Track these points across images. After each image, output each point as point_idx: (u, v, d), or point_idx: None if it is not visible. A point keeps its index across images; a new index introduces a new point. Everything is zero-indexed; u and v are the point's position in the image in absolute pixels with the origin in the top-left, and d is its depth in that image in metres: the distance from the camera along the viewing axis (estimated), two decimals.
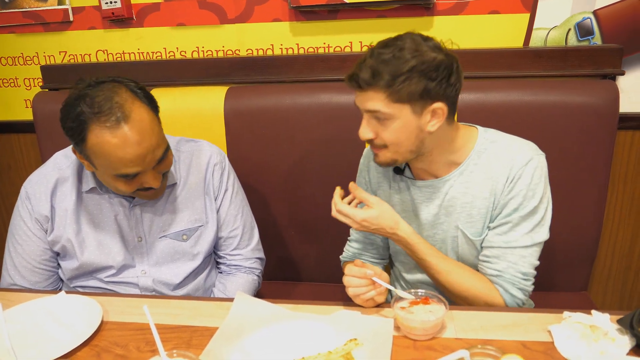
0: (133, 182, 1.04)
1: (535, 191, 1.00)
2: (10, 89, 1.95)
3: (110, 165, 1.00)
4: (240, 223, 1.28)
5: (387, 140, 0.97)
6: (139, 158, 0.99)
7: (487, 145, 1.05)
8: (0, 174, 2.09)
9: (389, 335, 0.87)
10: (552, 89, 1.40)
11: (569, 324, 0.85)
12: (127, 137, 0.97)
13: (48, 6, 1.79)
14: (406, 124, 0.95)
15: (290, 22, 1.64)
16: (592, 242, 1.46)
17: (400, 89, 0.91)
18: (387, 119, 0.95)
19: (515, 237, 1.01)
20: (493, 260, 1.03)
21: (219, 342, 0.88)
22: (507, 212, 1.01)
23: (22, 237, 1.16)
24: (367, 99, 0.95)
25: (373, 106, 0.94)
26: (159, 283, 1.19)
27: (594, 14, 1.49)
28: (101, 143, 0.97)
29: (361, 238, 1.22)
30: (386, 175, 1.16)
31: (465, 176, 1.05)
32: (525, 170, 0.99)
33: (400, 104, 0.93)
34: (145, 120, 1.01)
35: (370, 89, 0.93)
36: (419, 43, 0.92)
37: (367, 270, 0.94)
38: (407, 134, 0.96)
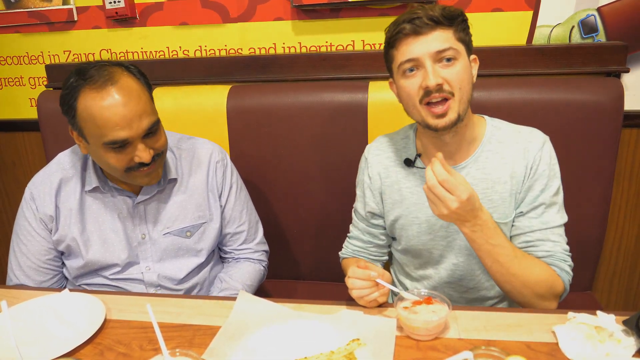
0: (123, 154, 1.04)
1: (555, 171, 1.05)
2: (15, 87, 1.96)
3: (98, 130, 1.01)
4: (246, 218, 1.30)
5: (456, 81, 0.97)
6: (125, 120, 1.00)
7: (496, 132, 1.08)
8: (5, 171, 2.10)
9: (391, 336, 0.87)
10: (555, 86, 1.39)
11: (573, 325, 0.84)
12: (113, 97, 1.00)
13: (53, 6, 1.79)
14: (465, 65, 0.99)
15: (292, 21, 1.64)
16: (597, 241, 1.45)
17: (462, 30, 0.98)
18: (454, 58, 0.97)
19: (551, 217, 1.04)
20: (538, 243, 1.04)
21: (221, 341, 0.88)
22: (535, 194, 1.04)
23: (26, 237, 1.17)
24: (435, 38, 0.96)
25: (443, 44, 0.95)
26: (164, 278, 1.20)
27: (598, 10, 1.48)
28: (89, 106, 1.00)
29: (361, 236, 1.22)
30: (394, 169, 1.14)
31: (480, 162, 1.07)
32: (543, 152, 1.04)
33: (462, 43, 0.98)
34: (132, 86, 1.03)
35: (439, 27, 0.95)
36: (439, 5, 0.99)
37: (370, 272, 0.93)
38: (468, 76, 1.00)
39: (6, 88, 1.97)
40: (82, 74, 1.02)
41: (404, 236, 1.15)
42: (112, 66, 1.04)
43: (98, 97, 1.00)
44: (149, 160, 1.05)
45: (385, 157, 1.16)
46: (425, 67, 0.96)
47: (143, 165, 1.06)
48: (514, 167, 1.05)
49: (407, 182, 1.12)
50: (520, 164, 1.05)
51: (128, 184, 1.16)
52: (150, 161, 1.06)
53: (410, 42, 0.97)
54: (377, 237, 1.21)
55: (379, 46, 1.62)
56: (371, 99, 1.43)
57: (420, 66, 0.97)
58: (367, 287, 0.94)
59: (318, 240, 1.59)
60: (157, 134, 1.08)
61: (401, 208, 1.13)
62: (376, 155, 1.17)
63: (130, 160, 1.05)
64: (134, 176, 1.09)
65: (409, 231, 1.14)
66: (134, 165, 1.06)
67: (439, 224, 1.10)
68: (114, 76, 1.02)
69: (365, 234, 1.22)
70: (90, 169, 1.16)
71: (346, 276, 0.97)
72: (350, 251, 1.25)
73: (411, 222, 1.12)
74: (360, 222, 1.22)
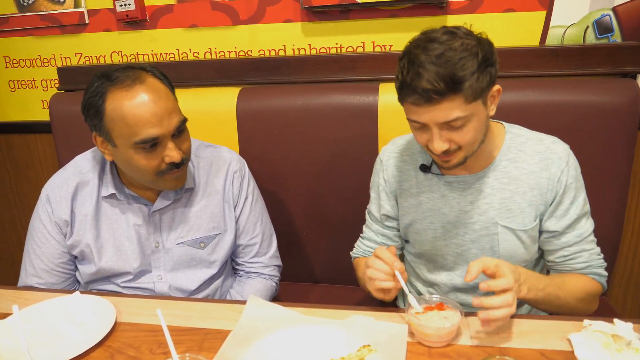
0: (153, 155, 1.03)
1: (580, 182, 1.04)
2: (28, 90, 1.98)
3: (128, 129, 1.00)
4: (260, 231, 1.28)
5: (464, 142, 0.93)
6: (156, 117, 1.00)
7: (515, 139, 1.05)
8: (18, 172, 2.13)
9: (403, 342, 0.86)
10: (569, 88, 1.36)
11: (589, 333, 0.82)
12: (143, 95, 1.00)
13: (64, 9, 1.81)
14: (480, 119, 0.93)
15: (302, 23, 1.63)
16: (612, 246, 1.42)
17: (476, 88, 0.87)
18: (466, 121, 0.90)
19: (585, 228, 1.04)
20: (575, 256, 1.05)
21: (231, 345, 0.88)
22: (565, 207, 1.03)
23: (40, 240, 1.17)
24: (441, 110, 0.88)
25: (450, 116, 0.88)
26: (175, 290, 1.19)
27: (614, 10, 1.45)
28: (118, 106, 1.00)
29: (375, 237, 1.21)
30: (410, 174, 1.13)
31: (499, 171, 1.04)
32: (569, 165, 1.02)
33: (475, 101, 0.89)
34: (159, 86, 1.04)
35: (445, 98, 0.87)
36: (460, 34, 0.88)
37: (396, 262, 0.91)
38: (481, 127, 0.94)
39: (19, 90, 1.99)
40: (107, 77, 1.02)
41: (418, 240, 1.14)
42: (135, 68, 1.05)
43: (128, 96, 1.00)
44: (179, 160, 1.04)
45: (400, 161, 1.14)
46: (431, 131, 0.92)
47: (174, 167, 1.05)
48: (534, 178, 1.02)
49: (423, 187, 1.11)
50: (542, 175, 1.02)
51: (145, 191, 1.15)
52: (181, 164, 1.06)
53: (415, 109, 0.91)
54: (390, 239, 1.20)
55: (389, 48, 1.61)
56: (381, 101, 1.42)
57: (427, 127, 0.93)
58: (385, 273, 0.92)
59: (329, 242, 1.58)
60: (184, 133, 1.09)
61: (417, 213, 1.12)
62: (392, 158, 1.15)
63: (161, 162, 1.04)
64: (164, 180, 1.08)
65: (423, 236, 1.12)
66: (164, 168, 1.05)
67: (454, 231, 1.08)
68: (140, 76, 1.02)
69: (379, 235, 1.21)
70: (108, 175, 1.15)
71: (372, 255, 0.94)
72: (362, 251, 1.24)
73: (426, 228, 1.11)
74: (374, 223, 1.21)
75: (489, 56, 0.89)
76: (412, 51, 0.89)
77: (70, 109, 1.63)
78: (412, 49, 0.90)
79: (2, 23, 1.89)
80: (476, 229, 1.07)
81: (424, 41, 0.89)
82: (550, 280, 0.99)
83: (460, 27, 0.91)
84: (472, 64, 0.86)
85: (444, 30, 0.89)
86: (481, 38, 0.91)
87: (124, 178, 1.16)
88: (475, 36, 0.90)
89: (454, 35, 0.88)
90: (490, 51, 0.90)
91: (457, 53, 0.85)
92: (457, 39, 0.87)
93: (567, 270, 1.07)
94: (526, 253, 1.07)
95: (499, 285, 0.84)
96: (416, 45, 0.90)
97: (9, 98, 2.01)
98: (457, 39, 0.87)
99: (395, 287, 0.92)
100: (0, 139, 2.09)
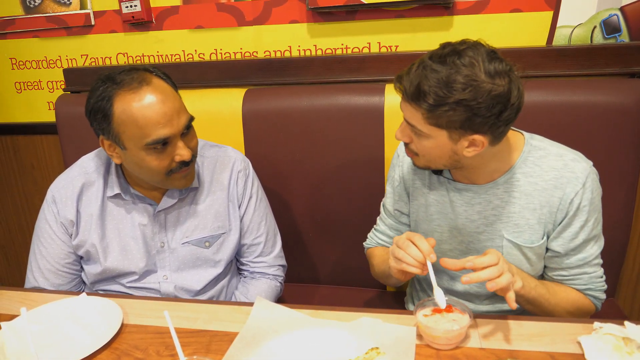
0: (164, 155, 1.04)
1: (596, 204, 0.99)
2: (34, 91, 1.99)
3: (139, 131, 1.01)
4: (264, 230, 1.28)
5: (420, 152, 0.95)
6: (166, 117, 1.01)
7: (534, 152, 1.00)
8: (23, 174, 2.14)
9: (411, 344, 0.85)
10: (577, 88, 1.35)
11: (600, 336, 0.82)
12: (151, 96, 1.01)
13: (70, 10, 1.81)
14: (440, 145, 0.91)
15: (307, 24, 1.63)
16: (620, 246, 1.41)
17: (440, 116, 0.86)
18: (422, 135, 0.92)
19: (590, 253, 1.01)
20: (575, 278, 1.03)
21: (238, 348, 0.87)
22: (574, 231, 0.99)
23: (46, 240, 1.17)
24: (407, 109, 0.91)
25: (410, 119, 0.91)
26: (181, 290, 1.19)
27: (621, 10, 1.44)
28: (128, 108, 1.00)
29: (388, 231, 1.21)
30: (423, 173, 1.12)
31: (511, 184, 1.00)
32: (585, 188, 0.97)
33: (438, 128, 0.88)
34: (164, 86, 1.05)
35: (410, 103, 0.89)
36: (479, 67, 0.82)
37: (432, 254, 0.89)
38: (440, 153, 0.93)
39: (25, 92, 2.00)
40: (112, 80, 1.02)
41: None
42: (139, 70, 1.05)
43: (136, 98, 1.00)
44: (190, 158, 1.05)
45: None
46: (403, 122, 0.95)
47: (184, 165, 1.06)
48: (546, 196, 0.98)
49: (434, 188, 1.10)
50: (555, 194, 0.98)
51: (151, 191, 1.16)
52: (190, 162, 1.07)
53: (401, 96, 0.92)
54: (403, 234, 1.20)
55: (395, 48, 1.60)
56: (388, 102, 1.42)
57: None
58: (417, 260, 0.89)
59: (335, 243, 1.58)
60: (191, 131, 1.10)
61: (425, 213, 1.12)
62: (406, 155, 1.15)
63: (171, 161, 1.05)
64: (174, 179, 1.08)
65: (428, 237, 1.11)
66: (174, 167, 1.06)
67: (459, 237, 1.08)
68: (146, 78, 1.03)
69: (392, 230, 1.21)
70: (113, 175, 1.15)
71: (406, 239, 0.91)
72: (375, 242, 1.24)
73: (433, 230, 1.11)
74: (388, 217, 1.21)
75: (477, 107, 0.82)
76: (426, 60, 0.87)
77: (76, 110, 1.63)
78: (426, 58, 0.88)
79: (8, 25, 1.89)
80: (482, 239, 1.06)
81: (449, 52, 0.85)
82: (542, 284, 0.99)
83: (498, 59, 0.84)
84: (449, 96, 0.82)
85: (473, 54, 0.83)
86: (510, 83, 0.83)
87: (129, 178, 1.16)
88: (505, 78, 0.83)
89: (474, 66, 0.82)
90: (488, 107, 0.83)
91: (449, 80, 0.82)
92: (471, 68, 0.82)
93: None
94: (532, 269, 1.05)
95: (484, 262, 0.84)
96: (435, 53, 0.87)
97: (15, 99, 2.01)
98: (469, 69, 0.82)
99: (417, 272, 0.91)
100: (7, 140, 2.10)
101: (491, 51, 0.85)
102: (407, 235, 0.93)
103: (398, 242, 0.93)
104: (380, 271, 1.16)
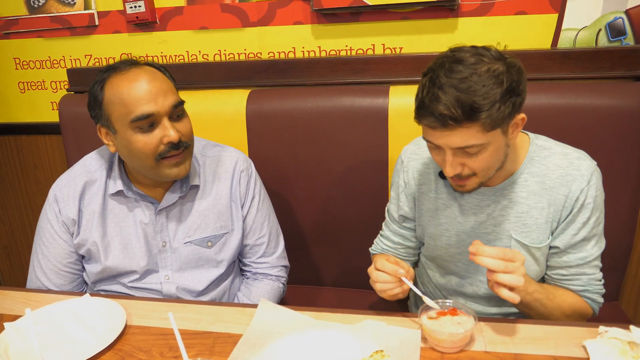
0: (151, 136, 1.04)
1: (599, 202, 1.00)
2: (37, 91, 1.99)
3: (124, 108, 1.03)
4: (267, 231, 1.27)
5: (479, 168, 0.91)
6: (150, 95, 1.02)
7: (539, 152, 1.01)
8: (26, 173, 2.14)
9: (416, 347, 0.85)
10: (582, 91, 1.35)
11: (605, 340, 0.81)
12: (138, 75, 1.04)
13: (74, 11, 1.82)
14: (498, 147, 0.89)
15: (312, 25, 1.63)
16: (624, 250, 1.40)
17: (496, 117, 0.83)
18: (481, 148, 0.87)
19: (589, 252, 1.01)
20: (574, 278, 1.03)
21: (242, 350, 0.87)
22: (577, 227, 0.99)
23: (48, 240, 1.17)
24: (457, 135, 0.85)
25: (466, 142, 0.86)
26: (182, 290, 1.19)
27: (626, 13, 1.44)
28: (115, 88, 1.04)
29: (392, 237, 1.21)
30: (429, 177, 1.11)
31: (519, 185, 1.01)
32: (590, 185, 0.98)
33: (494, 130, 0.85)
34: (155, 71, 1.08)
35: (461, 126, 0.83)
36: (486, 55, 0.84)
37: (399, 269, 0.92)
38: (498, 155, 0.91)
39: (28, 92, 2.00)
40: (108, 69, 1.07)
41: (432, 245, 1.13)
42: (139, 62, 1.10)
43: (123, 78, 1.04)
44: (177, 139, 1.04)
45: (421, 163, 1.13)
46: (445, 154, 0.90)
47: (173, 148, 1.05)
48: (553, 195, 0.99)
49: (441, 193, 1.09)
50: (561, 192, 0.99)
51: (152, 189, 1.16)
52: (179, 145, 1.06)
53: (431, 132, 0.88)
54: (407, 239, 1.20)
55: (399, 50, 1.60)
56: (392, 104, 1.42)
57: (442, 149, 0.90)
58: (391, 282, 0.92)
59: (338, 245, 1.57)
60: (183, 118, 1.10)
61: (433, 218, 1.11)
62: (413, 160, 1.14)
63: (159, 142, 1.04)
64: (164, 165, 1.07)
65: (437, 241, 1.11)
66: (163, 150, 1.05)
67: (468, 240, 1.07)
68: (138, 63, 1.08)
69: (397, 235, 1.20)
70: (116, 172, 1.16)
71: (372, 266, 0.95)
72: (380, 249, 1.24)
73: (441, 234, 1.10)
74: (392, 223, 1.21)
75: (515, 86, 0.84)
76: (436, 70, 0.85)
77: (79, 110, 1.63)
78: (436, 68, 0.85)
79: (12, 24, 1.90)
80: (490, 239, 1.05)
81: (450, 61, 0.85)
82: (540, 287, 0.98)
83: (491, 49, 0.86)
84: (495, 93, 0.82)
85: (473, 52, 0.85)
86: (511, 63, 0.85)
87: (131, 176, 1.16)
88: (505, 60, 0.85)
89: (482, 58, 0.84)
90: (518, 80, 0.85)
91: (481, 79, 0.81)
92: (484, 63, 0.83)
93: (563, 287, 1.05)
94: (539, 271, 1.05)
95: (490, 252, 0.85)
96: (441, 64, 0.85)
97: (19, 99, 2.02)
98: (484, 64, 0.83)
99: (404, 289, 0.94)
100: (10, 140, 2.10)
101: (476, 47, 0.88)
102: (373, 267, 0.95)
103: (373, 278, 0.95)
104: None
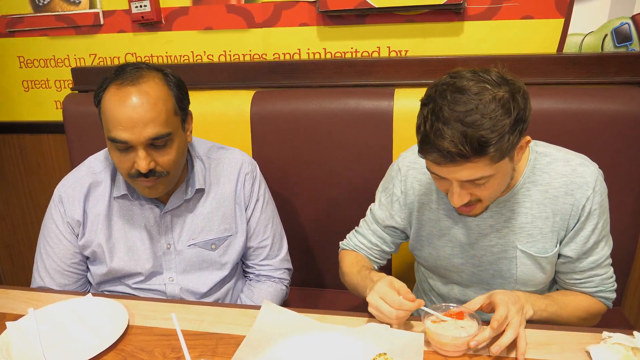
0: (125, 157, 1.02)
1: (604, 206, 1.00)
2: (41, 90, 1.99)
3: (106, 125, 1.02)
4: (270, 233, 1.27)
5: (485, 197, 0.90)
6: (129, 122, 0.98)
7: (540, 159, 0.99)
8: (30, 173, 2.14)
9: (419, 351, 0.85)
10: (587, 96, 1.35)
11: (609, 345, 0.81)
12: (127, 96, 0.99)
13: (80, 10, 1.82)
14: (505, 173, 0.88)
15: (317, 27, 1.63)
16: (627, 255, 1.40)
17: (505, 148, 0.81)
18: (490, 179, 0.85)
19: (600, 255, 1.02)
20: (587, 281, 1.04)
21: (245, 351, 0.87)
22: (587, 234, 0.99)
23: (53, 240, 1.17)
24: (465, 170, 0.83)
25: (474, 175, 0.84)
26: (186, 292, 1.19)
27: (633, 19, 1.44)
28: (107, 100, 1.01)
29: (370, 237, 1.18)
30: (430, 188, 1.08)
31: (522, 195, 0.99)
32: (595, 189, 0.96)
33: (501, 159, 0.83)
34: (153, 93, 1.00)
35: (469, 161, 0.81)
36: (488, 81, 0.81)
37: (405, 303, 0.88)
38: (505, 180, 0.91)
39: (32, 90, 2.00)
40: (118, 71, 1.04)
41: (434, 255, 1.11)
42: (150, 69, 1.04)
43: (115, 94, 1.00)
44: (144, 170, 1.00)
45: (421, 173, 1.09)
46: (451, 185, 0.88)
47: (141, 175, 1.03)
48: (558, 204, 0.98)
49: (443, 204, 1.06)
50: (567, 201, 0.97)
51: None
52: (149, 174, 1.02)
53: (436, 167, 0.86)
54: (386, 243, 1.17)
55: (404, 53, 1.60)
56: (397, 106, 1.42)
57: (448, 180, 0.88)
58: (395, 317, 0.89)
59: None
60: (165, 148, 1.03)
61: (435, 229, 1.08)
62: (412, 169, 1.10)
63: (131, 166, 1.03)
64: (137, 184, 1.07)
65: (440, 251, 1.09)
66: (134, 173, 1.03)
67: (471, 252, 1.06)
68: (142, 78, 1.01)
69: (376, 236, 1.17)
70: (120, 175, 1.15)
71: (372, 290, 0.91)
72: (353, 245, 1.20)
73: (443, 245, 1.08)
74: (374, 224, 1.17)
75: (522, 114, 0.81)
76: (437, 101, 0.81)
77: (83, 109, 1.64)
78: (437, 98, 0.82)
79: (17, 23, 1.90)
80: (495, 251, 1.04)
81: (451, 90, 0.81)
82: (551, 300, 0.98)
83: (491, 72, 0.82)
84: (504, 124, 0.79)
85: (474, 79, 0.81)
86: (516, 88, 0.82)
87: None
88: (508, 84, 0.82)
89: (485, 85, 0.80)
90: (525, 107, 0.82)
91: (488, 111, 0.78)
92: (488, 91, 0.80)
93: (575, 291, 1.06)
94: (545, 278, 1.04)
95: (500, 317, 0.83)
96: (442, 93, 0.82)
97: (23, 98, 2.02)
98: (487, 92, 0.79)
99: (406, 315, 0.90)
100: (13, 139, 2.10)
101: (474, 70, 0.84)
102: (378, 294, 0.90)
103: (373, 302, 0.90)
104: (350, 282, 1.13)
